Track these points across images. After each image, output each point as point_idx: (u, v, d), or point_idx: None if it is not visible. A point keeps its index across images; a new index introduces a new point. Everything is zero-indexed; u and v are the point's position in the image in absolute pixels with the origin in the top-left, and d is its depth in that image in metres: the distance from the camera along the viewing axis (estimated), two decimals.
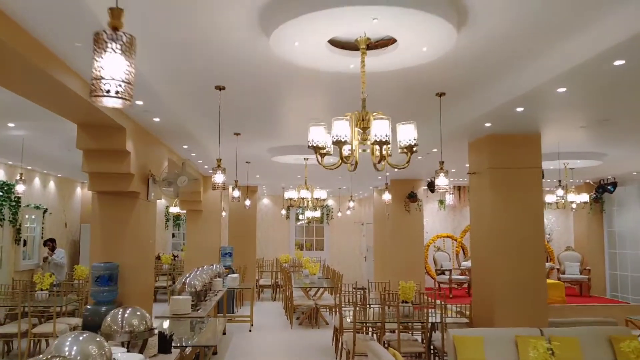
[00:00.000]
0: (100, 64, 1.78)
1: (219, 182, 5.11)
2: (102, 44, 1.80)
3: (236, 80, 4.93)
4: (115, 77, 1.78)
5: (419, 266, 12.01)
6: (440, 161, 5.48)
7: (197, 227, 11.61)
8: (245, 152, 9.02)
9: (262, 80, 4.91)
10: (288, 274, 11.43)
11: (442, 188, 5.31)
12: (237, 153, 9.00)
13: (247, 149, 8.77)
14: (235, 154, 8.07)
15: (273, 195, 17.94)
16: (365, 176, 11.80)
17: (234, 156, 8.32)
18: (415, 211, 12.10)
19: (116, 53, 1.80)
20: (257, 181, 12.42)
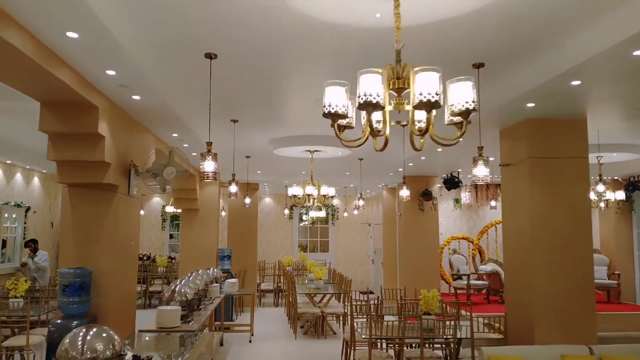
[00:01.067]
0: None
1: (208, 171, 4.18)
2: None
3: (230, 46, 4.00)
4: None
5: (433, 271, 11.05)
6: (479, 146, 4.51)
7: (192, 228, 10.67)
8: (244, 144, 8.09)
9: (263, 45, 3.98)
10: (291, 278, 10.49)
11: (481, 179, 4.35)
12: (236, 145, 8.07)
13: (247, 141, 7.84)
14: (233, 143, 7.13)
15: (275, 195, 17.00)
16: (375, 171, 10.85)
17: (232, 147, 7.38)
18: (429, 210, 11.14)
19: None
20: (258, 177, 11.49)
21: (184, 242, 10.67)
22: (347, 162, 9.90)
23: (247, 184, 12.43)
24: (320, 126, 7.01)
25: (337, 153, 8.47)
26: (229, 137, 7.13)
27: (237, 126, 6.78)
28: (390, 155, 9.05)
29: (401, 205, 11.34)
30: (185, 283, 6.65)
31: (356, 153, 8.89)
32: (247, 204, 9.87)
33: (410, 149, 7.32)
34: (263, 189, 15.18)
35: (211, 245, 10.71)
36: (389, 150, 8.93)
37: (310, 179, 8.24)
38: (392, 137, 2.90)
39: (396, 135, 7.17)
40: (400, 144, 7.78)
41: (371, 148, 8.53)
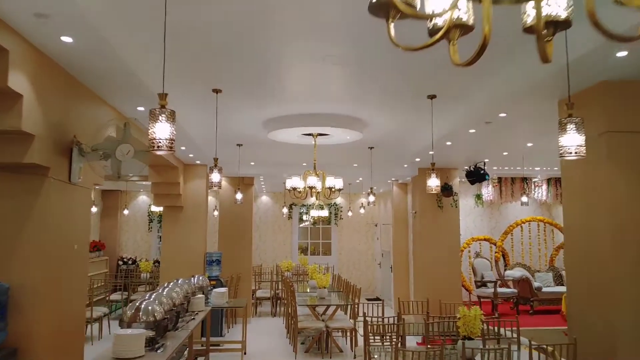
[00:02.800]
0: None
1: (161, 138, 2.73)
2: None
3: None
4: None
5: (454, 277, 9.59)
6: (568, 103, 3.03)
7: (175, 228, 9.21)
8: (232, 126, 6.64)
9: None
10: (291, 286, 9.04)
11: (574, 152, 2.88)
12: (224, 129, 6.62)
13: (235, 121, 6.39)
14: (215, 118, 5.67)
15: (273, 193, 15.54)
16: (387, 163, 9.39)
17: (214, 122, 5.93)
18: (449, 208, 9.69)
19: None
20: (252, 170, 10.04)
21: (166, 246, 9.21)
22: (355, 151, 8.45)
23: (240, 179, 10.97)
24: (325, 101, 5.57)
25: (345, 138, 7.03)
26: (211, 113, 5.67)
27: (221, 99, 5.33)
28: (407, 142, 7.59)
29: (417, 202, 9.88)
30: (156, 297, 5.18)
31: (367, 140, 7.44)
32: (238, 200, 8.42)
33: (436, 130, 5.72)
34: (259, 186, 13.72)
35: (198, 249, 9.25)
36: (407, 134, 7.49)
37: (313, 168, 6.80)
38: (416, 115, 1.51)
39: (421, 111, 5.73)
40: (424, 124, 6.34)
41: (384, 135, 6.92)
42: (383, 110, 5.85)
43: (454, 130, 6.45)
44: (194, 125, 6.51)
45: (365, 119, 6.29)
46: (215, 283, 9.11)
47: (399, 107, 5.68)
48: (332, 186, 6.63)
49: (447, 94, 5.21)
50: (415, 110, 5.78)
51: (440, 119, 5.93)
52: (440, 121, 6.02)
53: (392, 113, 5.95)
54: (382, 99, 5.44)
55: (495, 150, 7.96)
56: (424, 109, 5.66)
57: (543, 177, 9.99)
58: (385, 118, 6.19)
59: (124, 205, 14.94)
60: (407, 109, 5.77)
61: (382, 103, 5.58)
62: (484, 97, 5.25)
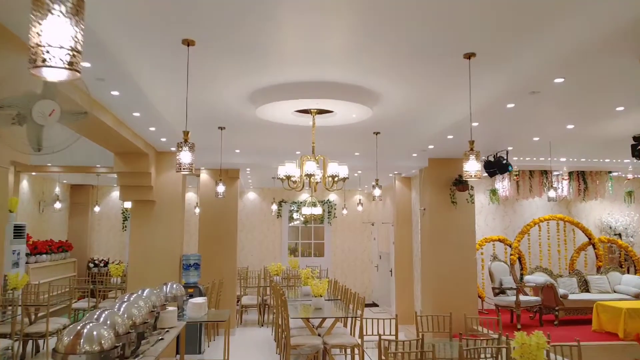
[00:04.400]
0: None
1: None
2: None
3: None
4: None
5: (469, 283, 8.38)
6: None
7: (146, 227, 7.86)
8: (213, 101, 5.33)
9: None
10: (282, 295, 7.74)
11: None
12: (200, 100, 5.32)
13: (216, 93, 5.08)
14: (186, 78, 4.35)
15: (261, 188, 14.22)
16: (393, 151, 8.14)
17: (184, 86, 4.61)
18: (464, 204, 8.47)
19: None
20: (237, 159, 8.70)
21: (135, 247, 7.85)
22: (358, 137, 7.19)
23: (221, 171, 9.63)
24: (328, 65, 4.29)
25: (350, 116, 5.75)
26: (182, 77, 4.35)
27: (195, 56, 4.02)
28: (423, 124, 6.34)
29: (426, 198, 8.63)
30: (108, 317, 3.87)
31: (374, 121, 6.18)
32: (219, 194, 7.10)
33: (460, 110, 4.48)
34: (246, 180, 12.39)
35: (173, 251, 7.90)
36: (425, 112, 6.18)
37: (312, 152, 5.51)
38: (445, 82, 0.63)
39: (452, 77, 4.48)
40: (451, 95, 5.09)
41: (397, 114, 5.63)
42: (402, 76, 4.58)
43: (489, 105, 5.20)
44: (163, 97, 5.18)
45: (377, 90, 5.01)
46: (192, 291, 7.80)
47: (423, 71, 4.41)
48: (335, 174, 5.34)
49: (490, 52, 3.97)
50: (444, 75, 4.52)
51: (476, 87, 4.68)
52: (474, 92, 4.77)
53: (413, 81, 4.68)
54: (403, 60, 4.18)
55: (526, 134, 6.73)
56: (456, 74, 4.41)
57: (565, 169, 8.82)
58: (404, 88, 4.92)
59: (95, 201, 13.51)
60: (434, 74, 4.51)
61: (401, 66, 4.31)
62: (539, 56, 4.01)
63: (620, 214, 10.77)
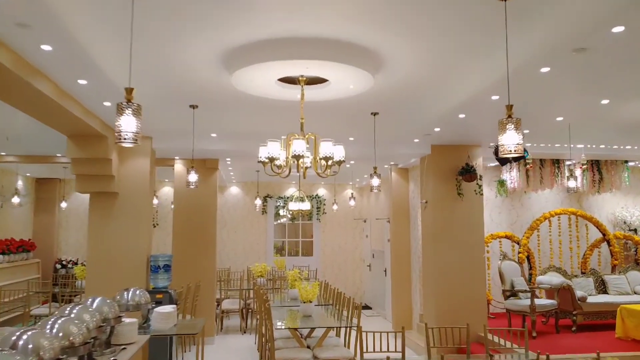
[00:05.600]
0: None
1: None
2: None
3: None
4: None
5: (478, 285, 7.43)
6: None
7: (107, 223, 6.79)
8: (179, 66, 4.28)
9: None
10: (265, 299, 6.71)
11: None
12: (164, 64, 4.29)
13: (181, 56, 4.04)
14: (135, 30, 3.31)
15: (244, 182, 13.16)
16: (393, 135, 7.16)
17: (151, 68, 3.57)
18: (472, 196, 7.51)
19: None
20: (214, 145, 7.61)
21: (93, 247, 6.77)
22: (354, 118, 6.19)
23: (194, 157, 8.56)
24: (321, 14, 3.29)
25: (346, 87, 4.74)
26: (130, 31, 3.31)
27: (148, 5, 3.00)
28: (432, 98, 5.35)
29: (428, 189, 7.66)
30: (31, 341, 2.85)
31: (374, 96, 5.19)
32: (191, 184, 6.04)
33: (480, 79, 3.26)
34: (227, 173, 11.33)
35: (138, 251, 6.83)
36: (437, 82, 5.00)
37: (300, 129, 4.49)
38: (466, 38, 0.40)
39: (477, 31, 3.49)
40: (473, 57, 4.12)
41: (402, 86, 4.48)
42: (416, 30, 3.58)
43: (518, 70, 4.21)
44: (113, 59, 4.12)
45: (381, 51, 4.02)
46: (162, 297, 6.74)
47: (445, 21, 3.41)
48: (329, 155, 4.32)
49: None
50: (471, 27, 3.53)
51: (507, 44, 3.70)
52: (502, 54, 3.80)
53: (429, 36, 3.69)
54: (419, 6, 3.18)
55: (549, 112, 5.78)
56: (486, 25, 3.43)
57: (579, 158, 7.90)
58: (417, 47, 3.92)
59: (61, 196, 12.35)
60: (458, 26, 3.51)
61: (417, 14, 3.32)
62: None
63: (635, 208, 9.91)
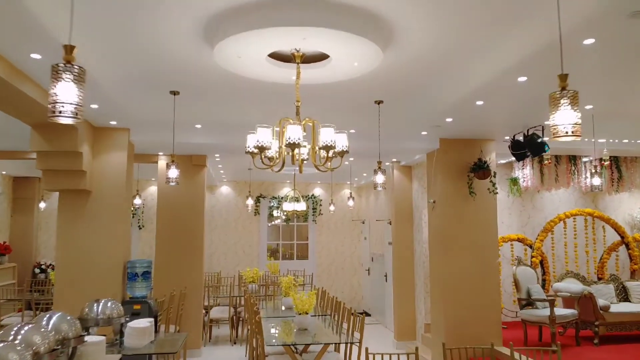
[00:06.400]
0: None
1: None
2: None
3: None
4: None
5: (491, 293, 6.74)
6: None
7: (78, 225, 6.05)
8: (153, 40, 3.57)
9: None
10: (256, 310, 6.00)
11: None
12: (134, 38, 3.58)
13: (153, 27, 3.33)
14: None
15: (236, 182, 12.43)
16: (398, 128, 6.47)
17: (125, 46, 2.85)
18: (486, 195, 6.82)
19: None
20: (200, 137, 6.86)
21: (63, 252, 6.03)
22: (356, 107, 5.50)
23: (186, 157, 7.83)
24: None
25: (350, 64, 4.04)
26: None
27: None
28: (442, 86, 4.66)
29: (436, 188, 6.97)
30: None
31: (379, 81, 4.51)
32: (171, 180, 5.31)
33: (505, 58, 2.52)
34: (217, 172, 10.60)
35: (114, 256, 6.09)
36: (446, 69, 3.95)
37: (296, 113, 3.79)
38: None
39: (493, 13, 2.80)
40: (500, 24, 3.43)
41: (408, 73, 3.76)
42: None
43: (553, 45, 3.52)
44: (80, 31, 3.40)
45: (394, 19, 3.33)
46: (139, 308, 6.02)
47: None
48: (329, 143, 3.61)
49: None
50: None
51: (547, 7, 3.01)
52: (539, 22, 3.11)
53: (452, 1, 3.01)
54: None
55: (585, 98, 5.09)
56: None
57: (606, 152, 7.23)
58: (436, 15, 3.23)
59: (40, 196, 11.57)
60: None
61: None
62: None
63: None
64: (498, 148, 7.04)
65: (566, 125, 2.44)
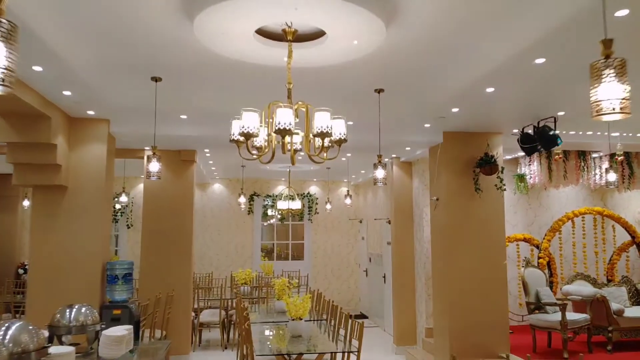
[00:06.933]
0: None
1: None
2: None
3: None
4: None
5: (498, 297, 6.31)
6: None
7: (53, 223, 5.59)
8: (127, 17, 3.12)
9: None
10: (246, 315, 5.56)
11: None
12: (105, 18, 3.12)
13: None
14: None
15: (228, 179, 11.98)
16: (400, 119, 6.04)
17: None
18: (492, 192, 6.40)
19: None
20: (186, 129, 6.39)
21: (36, 252, 5.56)
22: (353, 98, 5.07)
23: (175, 152, 7.37)
24: None
25: (349, 45, 3.60)
26: None
27: None
28: (449, 71, 4.23)
29: (440, 185, 6.54)
30: None
31: (380, 65, 4.08)
32: (152, 174, 4.85)
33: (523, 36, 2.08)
34: (208, 169, 10.15)
35: (92, 257, 5.63)
36: (456, 50, 3.45)
37: (287, 96, 3.34)
38: None
39: None
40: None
41: (405, 64, 3.51)
42: None
43: (579, 12, 3.09)
44: (48, 7, 2.95)
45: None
46: (119, 313, 5.56)
47: None
48: (325, 130, 3.17)
49: None
50: None
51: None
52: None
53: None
54: None
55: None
56: None
57: (620, 147, 6.81)
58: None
59: (24, 194, 11.09)
60: None
61: None
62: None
63: None
64: (504, 143, 6.62)
65: (612, 101, 2.00)
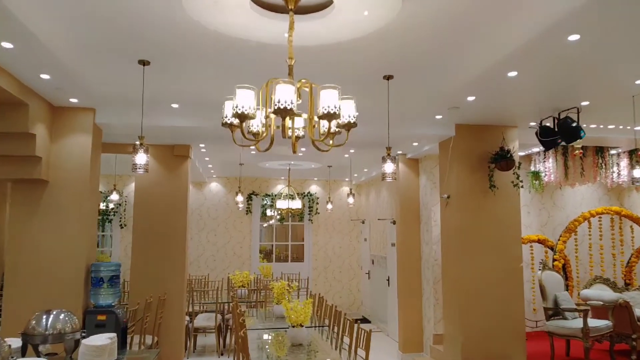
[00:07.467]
0: None
1: None
2: None
3: None
4: None
5: (515, 301, 5.86)
6: None
7: (32, 220, 5.14)
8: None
9: None
10: (242, 321, 5.11)
11: None
12: None
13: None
14: None
15: (226, 178, 11.53)
16: (409, 110, 5.59)
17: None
18: (508, 189, 5.96)
19: None
20: (178, 120, 5.91)
21: (14, 252, 5.11)
22: (361, 83, 4.63)
23: (168, 147, 6.92)
24: None
25: (358, 17, 3.17)
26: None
27: None
28: (466, 51, 3.80)
29: (451, 181, 6.10)
30: None
31: (392, 48, 3.65)
32: (138, 167, 4.40)
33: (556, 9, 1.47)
34: (205, 166, 9.70)
35: (75, 258, 5.18)
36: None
37: (288, 73, 2.91)
38: None
39: None
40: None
41: (418, 47, 3.62)
42: None
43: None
44: None
45: None
46: (104, 319, 5.11)
47: None
48: (332, 110, 2.73)
49: None
50: None
51: None
52: None
53: None
54: None
55: (627, 70, 4.24)
56: None
57: (629, 144, 6.37)
58: None
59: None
60: None
61: None
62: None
63: None
64: (522, 136, 6.18)
65: None
